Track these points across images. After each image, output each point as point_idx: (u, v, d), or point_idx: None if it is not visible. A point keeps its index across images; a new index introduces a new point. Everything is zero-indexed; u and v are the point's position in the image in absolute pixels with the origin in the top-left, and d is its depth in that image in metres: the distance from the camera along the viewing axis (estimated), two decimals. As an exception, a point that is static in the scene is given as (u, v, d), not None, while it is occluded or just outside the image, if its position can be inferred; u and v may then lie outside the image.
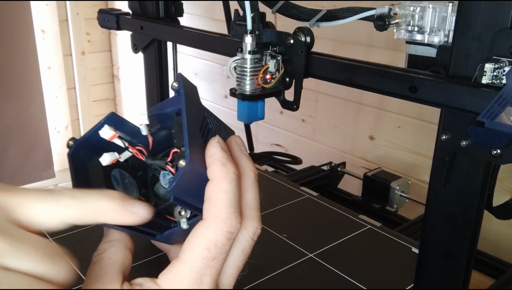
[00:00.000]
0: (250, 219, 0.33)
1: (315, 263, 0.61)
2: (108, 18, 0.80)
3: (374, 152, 1.20)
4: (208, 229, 0.30)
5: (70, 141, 0.32)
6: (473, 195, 0.43)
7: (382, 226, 0.71)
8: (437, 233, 0.47)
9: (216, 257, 0.30)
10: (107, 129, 0.32)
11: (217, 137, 0.32)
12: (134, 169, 0.35)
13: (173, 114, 0.34)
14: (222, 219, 0.30)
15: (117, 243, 0.32)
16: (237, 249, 0.33)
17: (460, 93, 0.41)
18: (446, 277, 0.47)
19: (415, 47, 0.49)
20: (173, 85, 0.32)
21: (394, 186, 0.84)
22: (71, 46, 2.15)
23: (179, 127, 0.32)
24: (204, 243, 0.30)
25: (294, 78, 0.54)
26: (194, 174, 0.30)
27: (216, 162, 0.31)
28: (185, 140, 0.30)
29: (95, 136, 0.32)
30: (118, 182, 0.33)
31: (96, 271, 0.31)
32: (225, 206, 0.30)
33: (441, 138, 0.43)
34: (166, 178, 0.34)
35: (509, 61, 0.38)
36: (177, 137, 0.33)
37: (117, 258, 0.31)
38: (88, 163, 0.33)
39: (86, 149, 0.32)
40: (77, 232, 0.67)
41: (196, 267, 0.29)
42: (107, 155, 0.32)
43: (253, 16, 0.52)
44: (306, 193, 0.80)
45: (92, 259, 0.32)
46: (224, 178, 0.30)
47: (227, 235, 0.30)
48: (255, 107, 0.54)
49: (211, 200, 0.30)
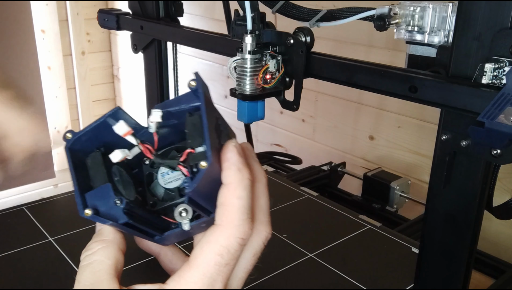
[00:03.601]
0: (263, 224, 0.34)
1: (315, 263, 0.61)
2: (108, 18, 0.80)
3: (374, 152, 1.20)
4: (221, 235, 0.30)
5: (68, 134, 0.31)
6: (473, 195, 0.43)
7: (382, 226, 0.71)
8: (437, 233, 0.47)
9: (228, 263, 0.30)
10: (123, 125, 0.31)
11: (234, 141, 0.32)
12: (129, 167, 0.34)
13: (181, 113, 0.32)
14: (236, 226, 0.30)
15: (110, 244, 0.31)
16: (248, 253, 0.33)
17: (460, 93, 0.41)
18: (446, 277, 0.47)
19: (415, 47, 0.49)
20: (191, 84, 0.31)
21: (394, 186, 0.84)
22: (71, 46, 2.15)
23: (193, 127, 0.31)
24: (217, 249, 0.30)
25: (294, 78, 0.54)
26: (210, 176, 0.30)
27: (232, 166, 0.31)
28: (206, 141, 0.29)
29: (96, 131, 0.31)
30: (118, 179, 0.32)
31: (88, 277, 0.29)
32: (238, 212, 0.30)
33: (441, 138, 0.43)
34: (165, 177, 0.33)
35: (509, 61, 0.38)
36: (191, 138, 0.32)
37: (111, 262, 0.30)
38: (87, 158, 0.32)
39: (84, 143, 0.31)
40: (77, 232, 0.67)
41: (209, 273, 0.29)
42: (118, 152, 0.31)
43: (253, 16, 0.52)
44: (306, 193, 0.80)
45: (82, 259, 0.31)
46: (239, 184, 0.30)
47: (240, 241, 0.30)
48: (255, 107, 0.54)
49: (225, 205, 0.30)
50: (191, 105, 0.32)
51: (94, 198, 0.30)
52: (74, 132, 0.31)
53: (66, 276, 0.57)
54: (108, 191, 0.30)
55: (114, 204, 0.30)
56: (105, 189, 0.30)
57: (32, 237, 0.65)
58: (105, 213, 0.30)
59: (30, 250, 0.62)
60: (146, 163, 0.34)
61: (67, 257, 0.61)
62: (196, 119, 0.31)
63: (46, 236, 0.65)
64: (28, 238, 0.65)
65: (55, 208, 0.75)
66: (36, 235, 0.65)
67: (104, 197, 0.30)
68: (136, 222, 0.30)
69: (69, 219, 0.70)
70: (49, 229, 0.67)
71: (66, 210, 0.75)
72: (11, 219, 0.70)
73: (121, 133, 0.31)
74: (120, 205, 0.29)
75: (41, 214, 0.71)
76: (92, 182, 0.31)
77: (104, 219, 0.30)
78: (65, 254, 0.61)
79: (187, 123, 0.32)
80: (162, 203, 0.34)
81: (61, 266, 0.59)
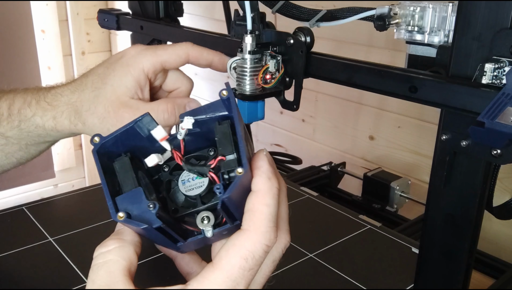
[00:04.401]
0: (284, 232, 0.35)
1: (315, 263, 0.61)
2: (108, 18, 0.80)
3: (374, 152, 1.20)
4: (248, 240, 0.30)
5: (96, 138, 0.31)
6: (473, 195, 0.43)
7: (382, 226, 0.71)
8: (437, 233, 0.47)
9: (252, 268, 0.30)
10: (161, 130, 0.32)
11: (265, 150, 0.33)
12: (149, 173, 0.34)
13: (205, 122, 0.33)
14: (262, 232, 0.30)
15: (127, 245, 0.31)
16: (269, 260, 0.34)
17: (460, 93, 0.41)
18: (446, 277, 0.47)
19: (415, 47, 0.49)
20: (223, 94, 0.32)
21: (394, 186, 0.84)
22: (71, 46, 2.15)
23: (223, 135, 0.32)
24: (242, 253, 0.30)
25: (294, 78, 0.54)
26: (242, 183, 0.30)
27: (263, 174, 0.31)
28: (241, 150, 0.30)
29: (124, 136, 0.32)
30: (144, 185, 0.33)
31: (103, 277, 0.29)
32: (266, 219, 0.31)
33: (441, 138, 0.43)
34: (186, 184, 0.34)
35: (509, 61, 0.38)
36: (222, 145, 0.32)
37: (126, 263, 0.30)
38: (114, 162, 0.32)
39: (110, 147, 0.32)
40: (77, 232, 0.67)
41: (233, 276, 0.29)
42: (154, 156, 0.32)
43: (253, 16, 0.52)
44: (306, 193, 0.80)
45: (95, 256, 0.30)
46: (268, 192, 0.31)
47: (265, 248, 0.30)
48: (255, 107, 0.54)
49: (253, 211, 0.31)
50: (219, 114, 0.33)
51: (125, 202, 0.31)
52: (102, 136, 0.31)
53: (66, 276, 0.57)
54: (140, 195, 0.30)
55: (147, 208, 0.30)
56: (137, 193, 0.31)
57: (32, 237, 0.65)
58: (137, 217, 0.30)
59: (30, 250, 0.62)
60: (166, 170, 0.35)
61: (67, 257, 0.61)
62: (226, 128, 0.32)
63: (46, 236, 0.65)
64: (28, 238, 0.65)
65: (55, 208, 0.75)
66: (36, 235, 0.65)
67: (136, 201, 0.30)
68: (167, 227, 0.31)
69: (69, 219, 0.70)
70: (49, 229, 0.67)
71: (66, 210, 0.75)
72: (11, 219, 0.70)
73: (159, 138, 0.32)
74: (153, 209, 0.30)
75: (41, 214, 0.71)
76: (121, 186, 0.32)
77: (137, 223, 0.30)
78: (65, 254, 0.61)
79: (217, 132, 0.33)
80: (184, 209, 0.34)
81: (61, 266, 0.59)
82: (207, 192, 0.33)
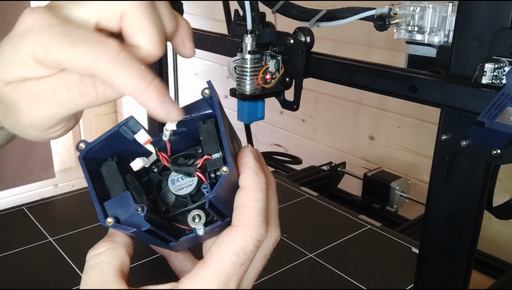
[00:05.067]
0: (274, 226, 0.35)
1: (315, 263, 0.61)
2: (108, 18, 0.80)
3: (374, 152, 1.20)
4: (238, 236, 0.30)
5: (81, 144, 0.31)
6: (473, 195, 0.43)
7: (382, 226, 0.71)
8: (437, 233, 0.47)
9: (243, 264, 0.30)
10: (144, 133, 0.32)
11: (249, 146, 0.33)
12: (138, 175, 0.34)
13: (190, 121, 0.33)
14: (253, 227, 0.31)
15: (119, 246, 0.31)
16: (260, 255, 0.34)
17: (460, 93, 0.41)
18: (446, 277, 0.47)
19: (415, 47, 0.49)
20: (205, 93, 0.32)
21: (394, 186, 0.84)
22: (71, 46, 2.15)
23: (208, 134, 0.32)
24: (233, 248, 0.30)
25: (294, 78, 0.54)
26: (229, 181, 0.30)
27: (249, 170, 0.32)
28: (225, 148, 0.30)
29: (110, 140, 0.31)
30: (132, 187, 0.33)
31: (96, 278, 0.29)
32: (256, 214, 0.31)
33: (441, 138, 0.43)
34: (176, 184, 0.34)
35: (509, 61, 0.38)
36: (207, 144, 0.32)
37: (117, 263, 0.30)
38: (101, 167, 0.32)
39: (97, 153, 0.32)
40: (77, 232, 0.67)
41: (225, 272, 0.30)
42: (139, 160, 0.32)
43: (253, 16, 0.52)
44: (306, 193, 0.80)
45: (88, 259, 0.30)
46: (256, 187, 0.31)
47: (256, 242, 0.31)
48: (255, 107, 0.54)
49: (242, 207, 0.31)
50: (203, 113, 0.33)
51: (114, 207, 0.30)
52: (87, 142, 0.31)
53: (66, 276, 0.57)
54: (128, 199, 0.30)
55: (135, 211, 0.30)
56: (125, 197, 0.30)
57: (32, 237, 0.65)
58: (126, 221, 0.30)
59: (30, 250, 0.62)
60: (155, 170, 0.35)
61: (67, 257, 0.61)
62: (210, 127, 0.32)
63: (46, 236, 0.65)
64: (28, 238, 0.65)
65: (55, 208, 0.75)
66: (36, 235, 0.65)
67: (124, 205, 0.30)
68: (156, 228, 0.31)
69: (69, 219, 0.70)
70: (49, 229, 0.67)
71: (66, 210, 0.75)
72: (11, 219, 0.70)
73: (142, 142, 0.32)
74: (141, 212, 0.30)
75: (41, 214, 0.71)
76: (109, 191, 0.32)
77: (126, 227, 0.30)
78: (65, 254, 0.61)
79: (202, 131, 0.33)
80: (174, 209, 0.34)
81: (61, 266, 0.59)
82: (197, 191, 0.33)
